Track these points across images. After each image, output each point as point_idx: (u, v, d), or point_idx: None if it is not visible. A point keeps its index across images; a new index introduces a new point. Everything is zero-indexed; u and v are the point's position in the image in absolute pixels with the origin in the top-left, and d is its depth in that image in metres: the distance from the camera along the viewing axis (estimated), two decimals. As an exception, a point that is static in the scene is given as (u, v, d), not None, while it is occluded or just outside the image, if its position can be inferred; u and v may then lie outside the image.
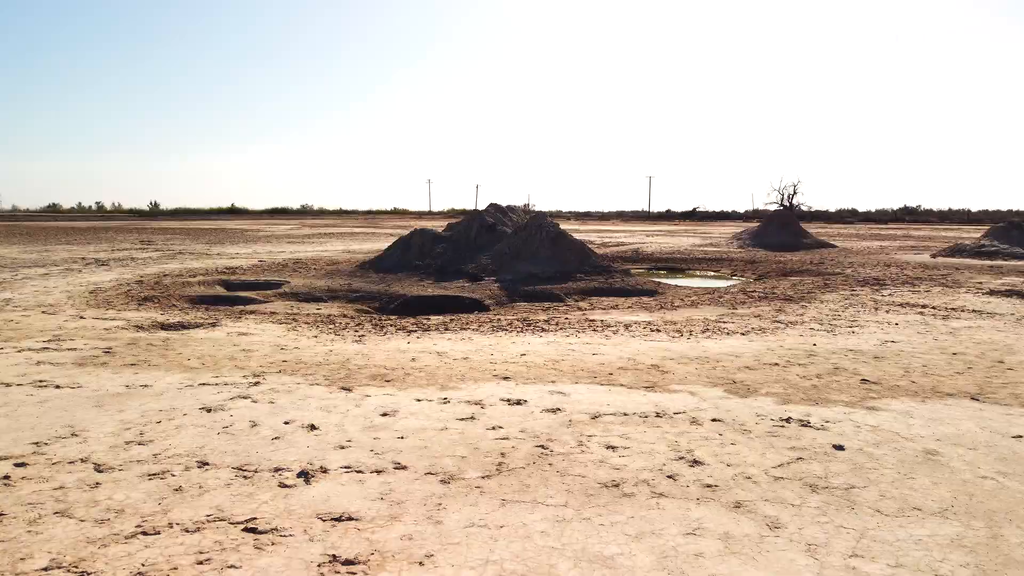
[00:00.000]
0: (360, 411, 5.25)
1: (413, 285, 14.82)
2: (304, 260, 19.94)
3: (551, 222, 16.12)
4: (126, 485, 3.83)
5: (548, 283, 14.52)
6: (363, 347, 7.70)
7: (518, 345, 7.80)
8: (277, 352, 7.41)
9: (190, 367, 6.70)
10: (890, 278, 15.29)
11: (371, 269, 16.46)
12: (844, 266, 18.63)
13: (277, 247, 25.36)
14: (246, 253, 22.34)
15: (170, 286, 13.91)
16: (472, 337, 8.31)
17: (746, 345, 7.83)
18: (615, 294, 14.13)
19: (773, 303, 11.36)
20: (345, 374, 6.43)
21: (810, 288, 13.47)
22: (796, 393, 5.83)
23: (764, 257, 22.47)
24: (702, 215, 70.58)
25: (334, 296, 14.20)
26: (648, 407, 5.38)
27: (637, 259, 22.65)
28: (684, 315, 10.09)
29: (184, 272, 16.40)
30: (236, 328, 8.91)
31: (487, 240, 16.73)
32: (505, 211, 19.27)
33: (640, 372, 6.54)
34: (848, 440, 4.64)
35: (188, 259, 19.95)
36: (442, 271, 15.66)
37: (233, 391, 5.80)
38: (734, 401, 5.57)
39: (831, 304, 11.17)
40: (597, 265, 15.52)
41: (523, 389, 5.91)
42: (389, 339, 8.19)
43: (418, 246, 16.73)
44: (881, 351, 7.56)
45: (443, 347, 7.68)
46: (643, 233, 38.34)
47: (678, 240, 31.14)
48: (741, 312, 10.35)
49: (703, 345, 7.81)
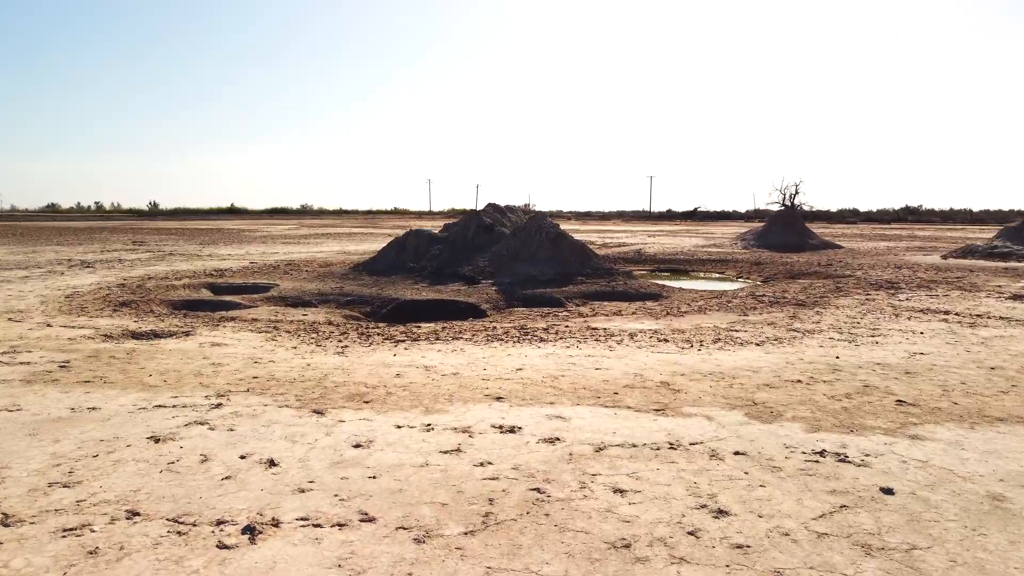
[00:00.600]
0: (330, 441, 4.55)
1: (407, 288, 14.13)
2: (297, 262, 19.24)
3: (551, 222, 15.42)
4: (32, 546, 3.14)
5: (548, 286, 13.82)
6: (345, 360, 7.00)
7: (514, 358, 7.09)
8: (249, 366, 6.71)
9: (149, 385, 6.00)
10: (904, 281, 14.58)
11: (364, 271, 15.77)
12: (854, 268, 17.92)
13: (271, 248, 24.67)
14: (238, 254, 21.64)
15: (153, 290, 13.21)
16: (464, 348, 7.60)
17: (763, 358, 7.12)
18: (618, 298, 13.43)
19: (786, 309, 10.65)
20: (320, 393, 5.73)
21: (822, 292, 12.75)
22: (826, 418, 5.13)
23: (769, 258, 21.75)
24: (703, 215, 69.85)
25: (324, 300, 13.52)
26: (660, 436, 4.68)
27: (639, 260, 21.94)
28: (692, 322, 9.39)
29: (170, 275, 15.70)
30: (211, 338, 8.21)
31: (485, 241, 16.03)
32: (504, 211, 18.57)
33: (648, 391, 5.84)
34: (896, 480, 3.94)
35: (177, 261, 19.25)
36: (438, 273, 14.96)
37: (190, 415, 5.11)
38: (757, 428, 4.87)
39: (848, 310, 10.46)
40: (599, 267, 14.81)
41: (518, 412, 5.21)
42: (374, 351, 7.49)
43: (413, 247, 16.03)
44: (911, 365, 6.85)
45: (432, 360, 6.98)
46: (644, 233, 37.63)
47: (680, 240, 30.42)
48: (753, 319, 9.65)
49: (716, 358, 7.11)
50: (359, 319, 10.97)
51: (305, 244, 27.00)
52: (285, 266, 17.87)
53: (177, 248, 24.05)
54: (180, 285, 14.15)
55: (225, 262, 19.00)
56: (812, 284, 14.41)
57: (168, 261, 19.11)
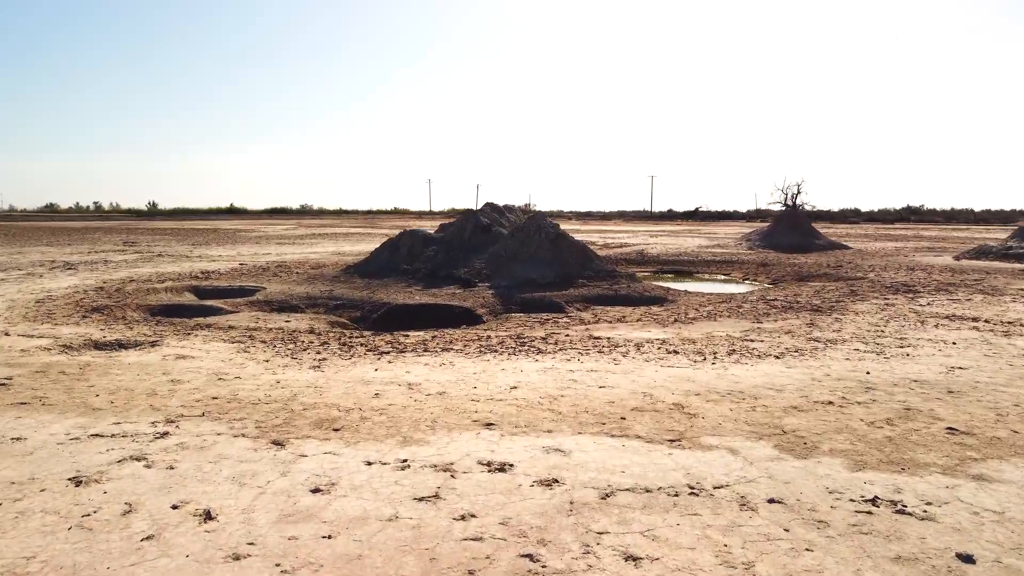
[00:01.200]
0: (285, 484, 3.79)
1: (400, 292, 13.37)
2: (288, 263, 18.49)
3: (550, 222, 14.66)
4: None
5: (547, 289, 13.06)
6: (320, 376, 6.24)
7: (508, 373, 6.33)
8: (212, 384, 5.95)
9: (93, 408, 5.24)
10: (920, 284, 13.80)
11: (356, 274, 15.01)
12: (865, 270, 17.14)
13: (264, 248, 23.92)
14: (229, 255, 20.89)
15: (132, 293, 12.46)
16: (454, 361, 6.84)
17: (785, 373, 6.36)
18: (621, 302, 12.68)
19: (801, 315, 9.89)
20: (285, 418, 4.98)
21: (838, 296, 11.98)
22: (870, 451, 4.36)
23: (776, 259, 20.98)
24: (704, 215, 69.09)
25: (312, 304, 12.77)
26: (678, 476, 3.92)
27: (642, 261, 21.18)
28: (703, 330, 8.62)
29: (154, 277, 14.96)
30: (178, 349, 7.45)
31: (482, 242, 15.27)
32: (502, 211, 17.81)
33: (660, 415, 5.08)
34: (973, 542, 3.18)
35: (164, 262, 18.50)
36: (432, 276, 14.21)
37: (128, 448, 4.35)
38: (791, 465, 4.11)
39: (868, 317, 9.69)
40: (600, 269, 14.05)
41: (510, 444, 4.45)
42: (354, 364, 6.73)
43: (407, 248, 15.28)
44: (952, 382, 6.08)
45: (417, 376, 6.22)
46: (646, 233, 36.85)
47: (683, 241, 29.65)
48: (768, 327, 8.88)
49: (733, 373, 6.34)
50: (345, 326, 10.21)
51: (300, 245, 26.25)
52: (276, 268, 17.12)
53: (167, 249, 23.30)
54: (162, 288, 13.40)
55: (214, 263, 18.25)
56: (825, 287, 13.63)
57: (155, 263, 18.36)
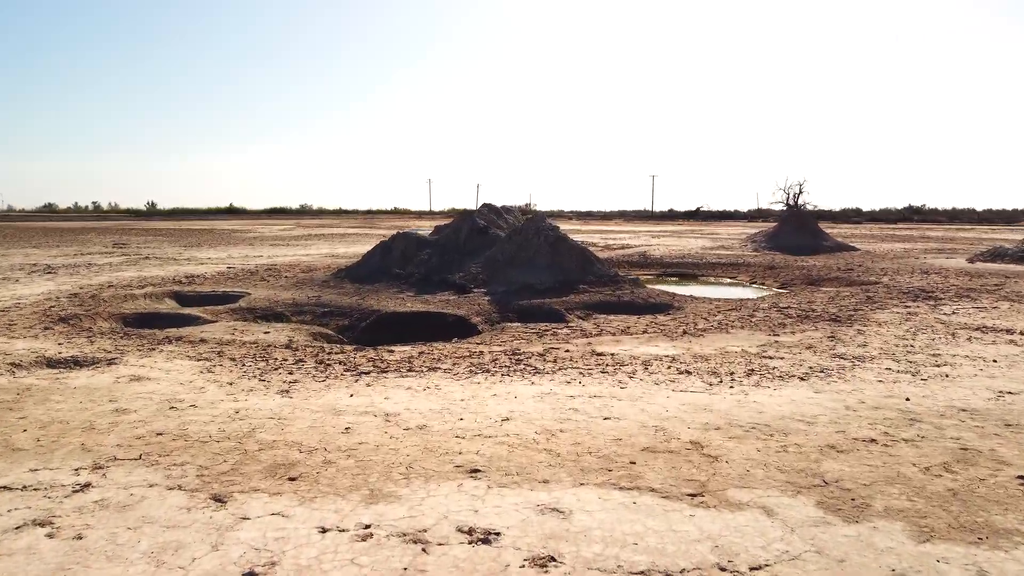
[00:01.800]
0: (213, 564, 3.01)
1: (391, 298, 12.60)
2: (279, 266, 17.71)
3: (549, 224, 13.87)
4: None
5: (546, 296, 12.29)
6: (287, 403, 5.46)
7: (500, 400, 5.55)
8: (161, 414, 5.17)
9: (14, 447, 4.46)
10: (939, 289, 13.01)
11: (347, 278, 14.24)
12: (877, 273, 16.35)
13: (256, 251, 23.14)
14: (219, 258, 20.11)
15: (107, 300, 11.69)
16: (440, 385, 6.05)
17: (814, 399, 5.57)
18: (625, 310, 11.90)
19: (820, 326, 9.10)
20: (234, 463, 4.20)
21: (855, 304, 11.19)
22: (934, 511, 3.58)
23: (783, 261, 20.18)
24: (706, 214, 68.29)
25: (298, 311, 12.00)
26: (703, 551, 3.13)
27: (645, 264, 20.40)
28: (716, 345, 7.84)
29: (135, 282, 14.19)
30: (136, 368, 6.67)
31: (478, 244, 14.49)
32: (500, 212, 17.04)
33: (677, 457, 4.30)
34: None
35: (150, 265, 17.72)
36: (426, 281, 13.43)
37: (38, 506, 3.57)
38: (842, 533, 3.32)
39: (892, 328, 8.90)
40: (602, 273, 13.27)
41: (497, 501, 3.66)
42: (328, 388, 5.94)
43: (400, 252, 14.50)
44: (1006, 411, 5.30)
45: (396, 403, 5.44)
46: (648, 234, 36.06)
47: (686, 242, 28.85)
48: (786, 340, 8.09)
49: (755, 400, 5.56)
50: (329, 338, 9.43)
51: (293, 246, 25.47)
52: (264, 271, 16.35)
53: (156, 251, 22.52)
54: (141, 294, 12.63)
55: (201, 267, 17.47)
56: (839, 293, 12.84)
57: (140, 266, 17.59)
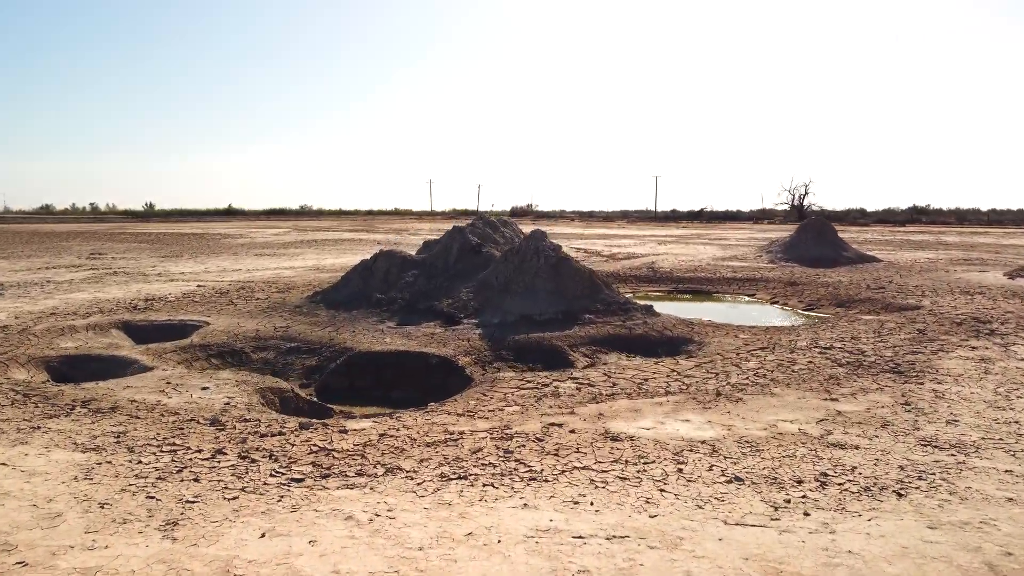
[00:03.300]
0: None
1: (369, 330, 10.83)
2: (255, 283, 15.94)
3: (550, 243, 12.05)
4: None
5: (547, 328, 10.50)
6: (164, 554, 3.66)
7: (477, 548, 3.73)
8: (-34, 582, 3.39)
9: None
10: (995, 318, 11.18)
11: (323, 303, 12.47)
12: (912, 292, 14.51)
13: (237, 262, 21.36)
14: (192, 273, 18.33)
15: (39, 335, 9.94)
16: (395, 510, 4.23)
17: (933, 544, 3.76)
18: (638, 346, 10.12)
19: (880, 381, 7.29)
20: None
21: (908, 341, 9.37)
22: None
23: (804, 276, 18.35)
24: (710, 215, 66.40)
25: (260, 347, 10.24)
26: None
27: (654, 279, 18.58)
28: (762, 417, 6.03)
29: (84, 307, 12.42)
30: (-8, 468, 4.87)
31: (470, 265, 12.70)
32: (496, 225, 15.23)
33: None
34: None
35: (114, 284, 15.95)
36: (410, 308, 11.64)
37: None
38: None
39: (972, 385, 7.08)
40: (611, 300, 11.46)
41: None
42: (236, 516, 4.13)
43: (383, 273, 12.71)
44: None
45: (323, 556, 3.64)
46: (653, 240, 34.20)
47: (695, 250, 26.99)
48: (849, 410, 6.28)
49: (847, 545, 3.74)
50: (281, 396, 7.63)
51: (278, 257, 23.68)
52: (237, 291, 14.58)
53: (130, 264, 20.74)
54: (84, 326, 10.87)
55: (169, 285, 15.70)
56: (883, 324, 11.01)
57: (102, 284, 15.81)
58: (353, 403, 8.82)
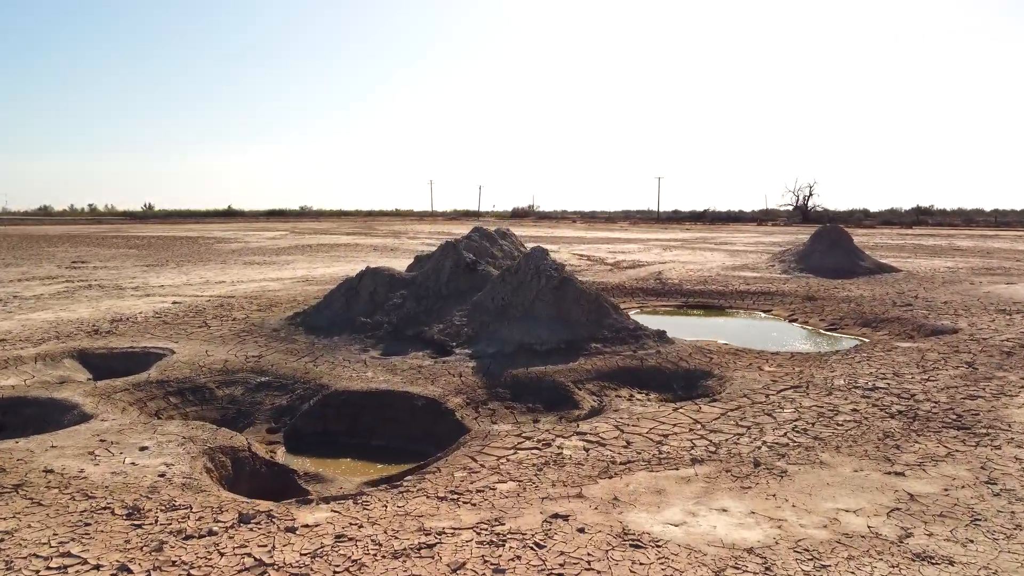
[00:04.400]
0: None
1: (350, 360, 9.60)
2: (237, 298, 14.71)
3: (552, 263, 10.79)
4: None
5: (548, 360, 9.27)
6: None
7: None
8: None
9: None
10: (1048, 346, 9.92)
11: (302, 326, 11.24)
12: (945, 312, 13.24)
13: (222, 273, 20.12)
14: (172, 286, 17.10)
15: (-24, 370, 8.72)
16: None
17: None
18: (650, 381, 8.90)
19: (946, 441, 6.03)
20: None
21: (962, 382, 8.10)
22: None
23: (822, 289, 17.08)
24: (713, 216, 65.07)
25: (226, 382, 9.04)
26: None
27: (663, 292, 17.31)
28: (816, 505, 4.78)
29: (42, 332, 11.19)
30: None
31: (464, 285, 11.45)
32: (494, 237, 13.98)
33: None
34: None
35: (84, 300, 14.72)
36: (397, 335, 10.40)
37: None
38: None
39: (1062, 450, 5.83)
40: (620, 327, 10.20)
41: None
42: None
43: (368, 294, 11.47)
44: None
45: None
46: (658, 245, 32.91)
47: (702, 257, 25.70)
48: (922, 492, 5.02)
49: None
50: (234, 457, 6.37)
51: (268, 265, 22.45)
52: (214, 309, 13.36)
53: (108, 275, 19.51)
54: (33, 355, 9.68)
55: (145, 300, 14.47)
56: (922, 353, 9.75)
57: (72, 300, 14.59)
58: (326, 453, 7.61)
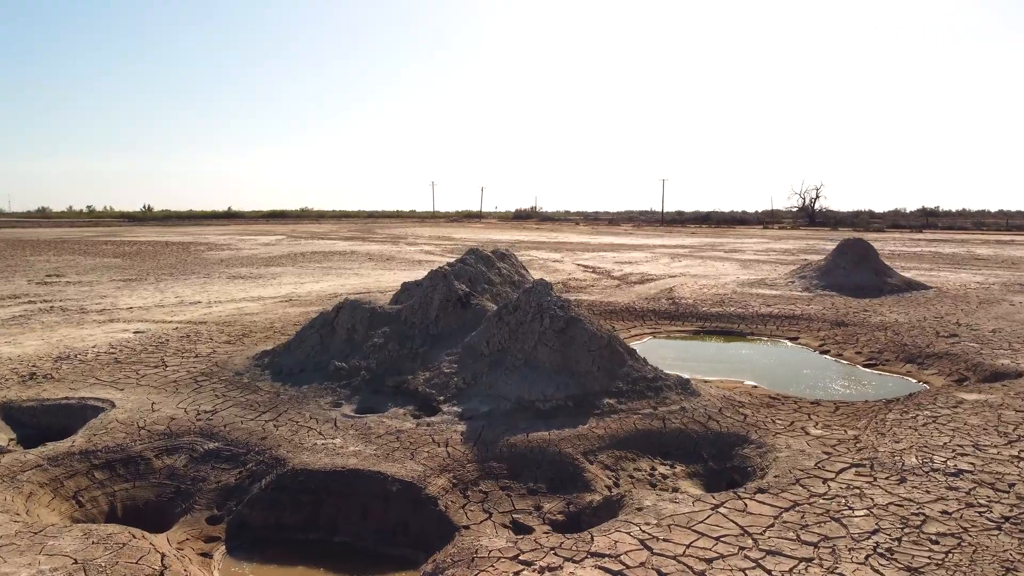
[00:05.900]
0: None
1: (319, 416, 7.99)
2: (204, 329, 13.11)
3: (557, 299, 9.14)
4: None
5: (552, 421, 7.65)
6: None
7: None
8: None
9: None
10: None
11: (269, 369, 9.64)
12: (998, 344, 11.58)
13: (200, 291, 18.51)
14: (142, 308, 15.50)
15: None
16: None
17: None
18: (675, 450, 7.30)
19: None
20: None
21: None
22: None
23: (851, 312, 15.42)
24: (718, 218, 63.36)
25: (168, 448, 7.47)
26: None
27: (676, 314, 15.65)
28: None
29: (-32, 375, 9.60)
30: None
31: (455, 323, 9.82)
32: (492, 260, 12.32)
33: None
34: None
35: (38, 328, 13.13)
36: (375, 384, 8.78)
37: None
38: None
39: None
40: (636, 376, 8.56)
41: None
42: None
43: (346, 331, 9.84)
44: None
45: None
46: (665, 253, 31.21)
47: (715, 270, 24.02)
48: None
49: None
50: (134, 593, 4.75)
51: (252, 280, 20.83)
52: (178, 340, 11.76)
53: (78, 293, 17.91)
54: (-55, 411, 8.07)
55: (105, 329, 12.89)
56: (998, 412, 8.10)
57: (22, 329, 12.99)
58: (277, 556, 6.00)
